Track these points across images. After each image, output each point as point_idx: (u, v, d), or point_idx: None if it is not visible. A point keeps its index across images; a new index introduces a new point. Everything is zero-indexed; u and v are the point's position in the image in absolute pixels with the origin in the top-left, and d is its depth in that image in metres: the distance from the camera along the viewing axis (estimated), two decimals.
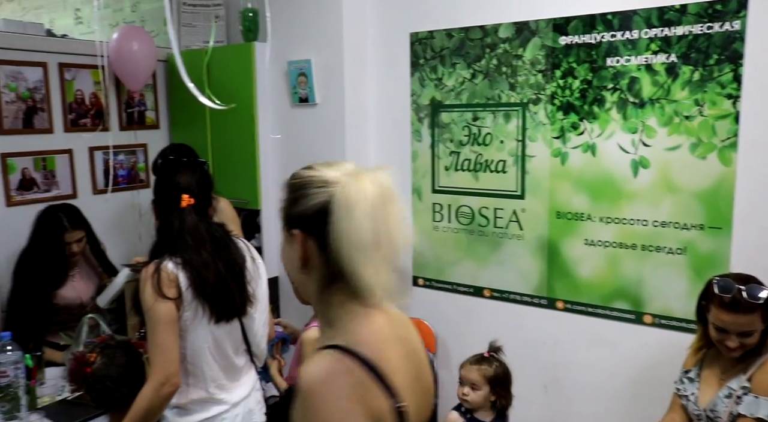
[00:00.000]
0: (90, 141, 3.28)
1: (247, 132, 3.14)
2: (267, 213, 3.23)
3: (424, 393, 1.09)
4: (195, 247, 1.70)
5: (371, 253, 0.95)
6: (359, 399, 0.93)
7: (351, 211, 0.95)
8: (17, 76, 3.00)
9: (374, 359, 0.97)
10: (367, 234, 0.95)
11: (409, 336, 1.10)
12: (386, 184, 0.99)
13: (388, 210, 0.97)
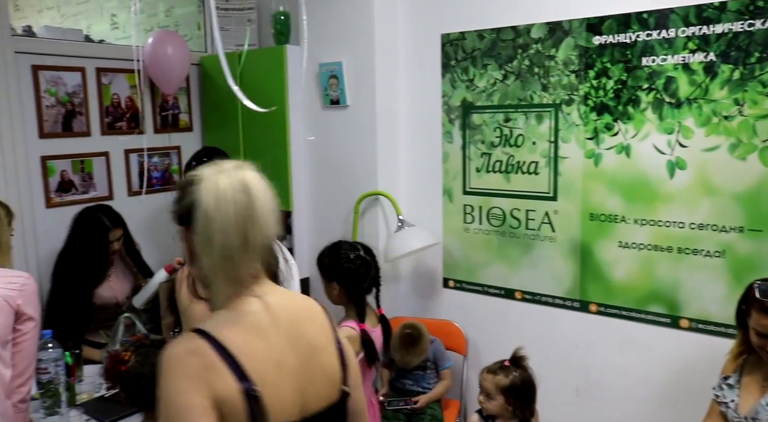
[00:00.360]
0: (126, 143, 3.35)
1: (279, 134, 3.17)
2: (298, 214, 3.25)
3: (317, 379, 1.13)
4: None
5: (233, 245, 1.03)
6: (202, 379, 0.99)
7: (209, 206, 1.04)
8: (57, 81, 3.07)
9: (230, 344, 1.03)
10: (226, 227, 1.03)
11: (299, 323, 1.14)
12: (246, 179, 1.08)
13: (248, 203, 1.05)
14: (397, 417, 2.72)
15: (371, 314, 2.22)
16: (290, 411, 1.08)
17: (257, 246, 1.07)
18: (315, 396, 1.12)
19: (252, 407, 1.02)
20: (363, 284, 2.18)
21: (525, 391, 2.10)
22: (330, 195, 3.18)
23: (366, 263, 2.20)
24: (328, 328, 1.20)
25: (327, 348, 1.17)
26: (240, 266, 1.07)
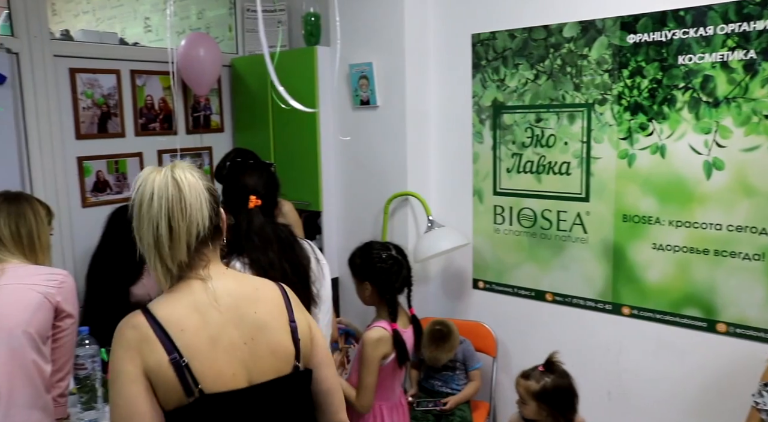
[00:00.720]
0: (159, 144, 3.40)
1: (309, 135, 3.18)
2: (328, 214, 3.27)
3: (262, 354, 1.22)
4: (262, 247, 1.73)
5: (162, 234, 1.15)
6: (137, 350, 1.14)
7: (143, 202, 1.17)
8: (93, 83, 3.14)
9: (165, 320, 1.16)
10: (156, 220, 1.15)
11: (244, 305, 1.23)
12: (177, 176, 1.18)
13: (177, 197, 1.16)
14: (426, 418, 2.71)
15: (402, 314, 2.22)
16: (230, 381, 1.18)
17: (184, 235, 1.17)
18: (260, 369, 1.21)
19: (182, 375, 1.13)
20: (395, 284, 2.17)
21: (557, 397, 2.04)
22: (360, 195, 3.19)
23: (398, 263, 2.20)
24: (280, 309, 1.28)
25: (275, 327, 1.25)
26: (170, 254, 1.17)
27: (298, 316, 1.30)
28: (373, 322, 2.19)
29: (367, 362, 2.10)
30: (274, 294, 1.30)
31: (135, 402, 1.12)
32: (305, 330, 1.30)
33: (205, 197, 1.20)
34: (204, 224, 1.19)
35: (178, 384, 1.13)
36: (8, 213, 1.93)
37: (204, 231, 1.20)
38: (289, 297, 1.32)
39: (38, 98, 2.91)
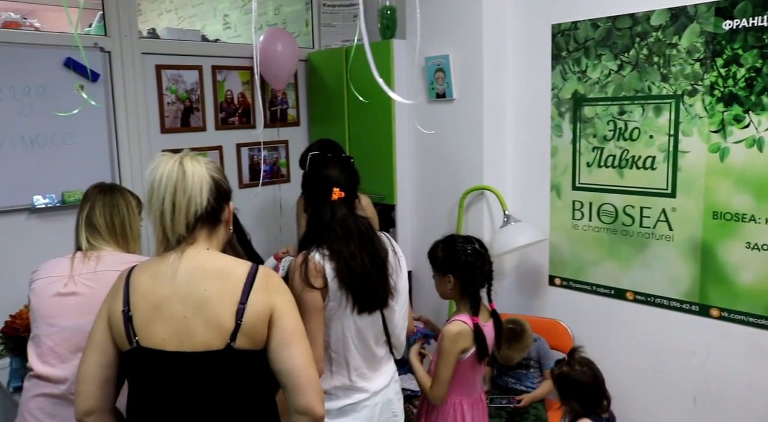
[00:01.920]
0: (237, 138, 3.50)
1: (385, 128, 3.19)
2: (402, 208, 3.27)
3: (197, 327, 1.34)
4: (343, 239, 1.74)
5: (165, 208, 1.35)
6: (110, 297, 1.42)
7: (150, 180, 1.37)
8: (177, 79, 3.26)
9: (133, 279, 1.40)
10: (162, 195, 1.35)
11: (198, 281, 1.36)
12: (185, 162, 1.38)
13: (181, 178, 1.35)
14: (499, 415, 2.67)
15: (483, 309, 2.19)
16: (159, 343, 1.35)
17: (183, 210, 1.36)
18: (191, 341, 1.34)
19: (127, 325, 1.36)
20: (478, 278, 2.15)
21: (563, 385, 2.20)
22: (434, 189, 3.18)
23: (482, 257, 2.16)
24: (234, 289, 1.37)
25: (218, 306, 1.35)
26: (171, 226, 1.37)
27: (253, 299, 1.36)
28: (454, 316, 2.17)
29: (445, 355, 2.09)
30: (238, 274, 1.39)
31: (97, 331, 1.41)
32: (259, 313, 1.37)
33: (207, 182, 1.39)
34: (201, 204, 1.37)
35: (123, 332, 1.37)
36: (103, 204, 2.00)
37: (201, 210, 1.38)
38: (255, 280, 1.39)
39: (127, 94, 3.05)
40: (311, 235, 1.79)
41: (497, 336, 2.22)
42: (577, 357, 2.24)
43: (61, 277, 1.87)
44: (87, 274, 1.87)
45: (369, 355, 1.84)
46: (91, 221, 1.97)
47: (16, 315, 2.38)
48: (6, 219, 2.75)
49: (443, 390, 2.11)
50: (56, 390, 1.80)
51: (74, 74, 2.86)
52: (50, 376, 1.80)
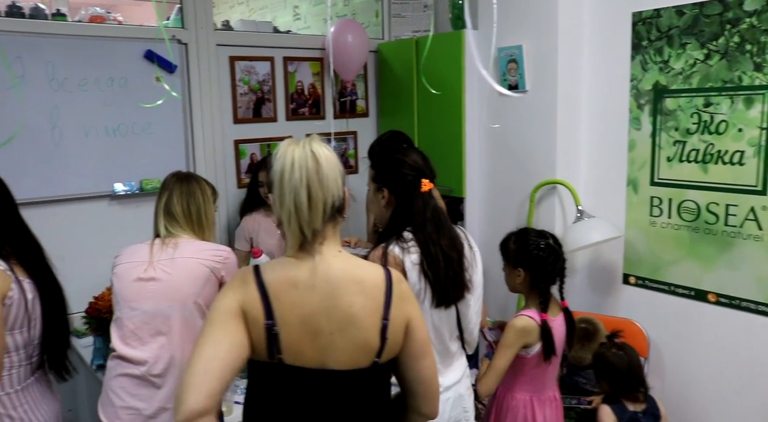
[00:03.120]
0: (307, 128, 3.53)
1: (455, 120, 3.15)
2: (471, 201, 3.22)
3: (344, 346, 1.26)
4: (435, 232, 1.73)
5: (301, 201, 1.22)
6: (237, 296, 1.25)
7: (280, 171, 1.24)
8: (250, 70, 3.31)
9: (269, 284, 1.25)
10: (296, 187, 1.22)
11: (340, 295, 1.26)
12: (315, 149, 1.24)
13: (315, 168, 1.22)
14: (568, 415, 2.61)
15: (554, 306, 2.14)
16: (307, 361, 1.25)
17: (320, 203, 1.24)
18: (337, 359, 1.26)
19: (271, 341, 1.23)
20: (550, 273, 2.10)
21: (597, 365, 2.32)
22: (505, 182, 3.11)
23: (554, 252, 2.11)
24: (377, 304, 1.28)
25: (365, 324, 1.27)
26: (306, 220, 1.24)
27: (394, 313, 1.30)
28: (522, 311, 2.13)
29: (505, 347, 2.06)
30: (377, 284, 1.30)
31: (222, 329, 1.23)
32: (398, 326, 1.31)
33: (339, 170, 1.28)
34: (338, 195, 1.27)
35: (265, 345, 1.24)
36: (180, 192, 2.06)
37: (338, 201, 1.27)
38: (392, 290, 1.31)
39: (202, 85, 3.13)
40: (396, 227, 1.77)
41: (569, 335, 2.16)
42: (617, 340, 2.29)
43: (142, 263, 1.94)
44: (165, 260, 1.94)
45: (443, 350, 1.82)
46: (169, 209, 2.04)
47: (99, 297, 2.49)
48: (89, 205, 2.88)
49: (493, 381, 2.07)
50: (137, 370, 1.87)
51: (153, 66, 2.95)
52: (132, 357, 1.87)
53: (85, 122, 2.82)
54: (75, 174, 2.82)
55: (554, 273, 2.11)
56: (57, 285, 1.85)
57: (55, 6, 3.09)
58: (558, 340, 2.12)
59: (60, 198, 2.80)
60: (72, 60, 2.76)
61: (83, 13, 2.91)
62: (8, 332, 1.67)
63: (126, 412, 1.85)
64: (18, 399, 1.72)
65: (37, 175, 2.72)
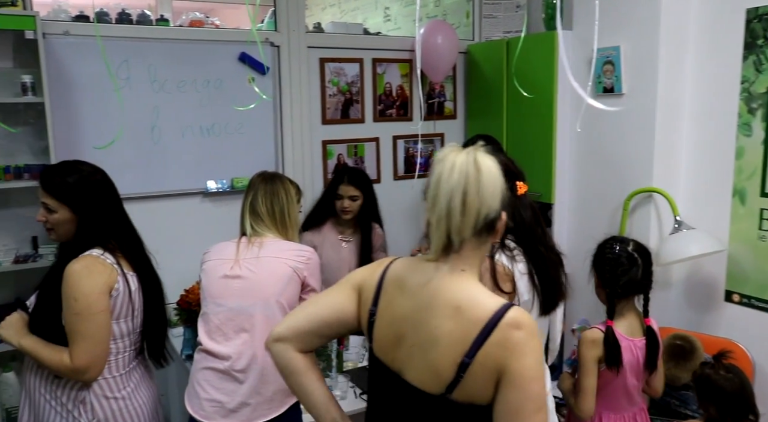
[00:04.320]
0: (394, 130, 3.53)
1: (545, 124, 3.05)
2: (560, 207, 3.11)
3: (420, 365, 1.21)
4: (534, 238, 1.67)
5: (454, 206, 1.15)
6: (364, 280, 1.34)
7: (438, 173, 1.18)
8: (339, 72, 3.35)
9: (388, 276, 1.30)
10: (452, 191, 1.15)
11: (430, 314, 1.20)
12: (479, 157, 1.17)
13: (475, 176, 1.15)
14: None
15: (631, 318, 2.01)
16: (389, 360, 1.27)
17: (474, 212, 1.16)
18: (410, 372, 1.23)
19: (369, 325, 1.30)
20: (619, 280, 1.98)
21: (703, 388, 2.01)
22: (597, 189, 2.98)
23: (631, 260, 1.98)
24: (466, 338, 1.15)
25: (444, 351, 1.17)
26: (459, 227, 1.17)
27: (482, 355, 1.13)
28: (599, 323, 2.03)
29: (582, 363, 1.98)
30: (478, 317, 1.16)
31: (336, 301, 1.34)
32: (486, 372, 1.14)
33: (501, 183, 1.18)
34: (494, 208, 1.18)
35: (366, 328, 1.31)
36: (265, 192, 2.09)
37: (493, 214, 1.18)
38: (493, 331, 1.13)
39: (293, 87, 3.19)
40: None
41: (651, 355, 2.02)
42: (725, 362, 2.04)
43: (228, 260, 2.00)
44: (251, 259, 1.98)
45: None
46: (254, 208, 2.08)
47: (190, 290, 2.59)
48: (183, 201, 3.01)
49: (589, 403, 1.98)
50: (221, 365, 1.93)
51: (247, 68, 3.04)
52: (216, 352, 1.94)
53: (182, 122, 2.95)
54: (171, 171, 2.96)
55: (627, 283, 1.99)
56: (156, 278, 1.94)
57: (160, 12, 3.26)
58: (638, 358, 1.99)
59: (157, 194, 2.94)
60: (172, 62, 2.89)
61: (184, 18, 3.05)
62: (114, 321, 1.78)
63: (210, 404, 1.91)
64: (123, 381, 1.84)
65: (138, 172, 2.88)
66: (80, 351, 1.71)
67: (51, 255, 2.67)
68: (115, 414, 1.81)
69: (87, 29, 2.68)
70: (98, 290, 1.72)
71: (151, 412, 1.93)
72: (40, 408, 1.81)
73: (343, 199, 2.83)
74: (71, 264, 1.73)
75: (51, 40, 2.64)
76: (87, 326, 1.71)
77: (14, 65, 2.68)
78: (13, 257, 2.66)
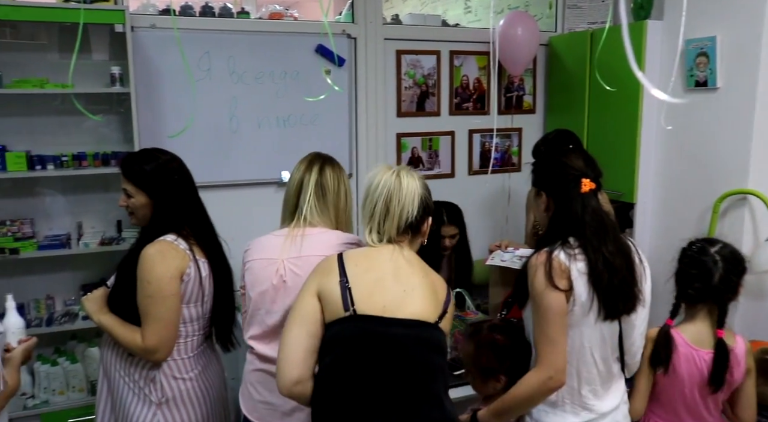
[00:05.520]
0: (470, 124, 3.46)
1: (630, 119, 2.90)
2: (642, 207, 2.95)
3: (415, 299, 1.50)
4: (596, 236, 1.58)
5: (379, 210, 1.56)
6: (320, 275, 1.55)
7: (368, 186, 1.60)
8: (415, 64, 3.31)
9: (348, 257, 1.55)
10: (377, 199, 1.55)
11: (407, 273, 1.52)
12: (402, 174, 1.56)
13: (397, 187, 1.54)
14: None
15: (703, 328, 1.84)
16: (380, 310, 1.47)
17: (396, 216, 1.53)
18: (409, 308, 1.48)
19: (344, 295, 1.47)
20: (691, 283, 1.82)
21: None
22: (684, 189, 2.81)
23: (710, 262, 1.81)
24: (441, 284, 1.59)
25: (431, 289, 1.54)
26: (383, 228, 1.54)
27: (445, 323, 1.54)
28: None
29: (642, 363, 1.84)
30: (437, 289, 1.55)
31: (304, 304, 1.52)
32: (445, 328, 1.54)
33: (419, 194, 1.54)
34: (413, 213, 1.53)
35: (340, 301, 1.47)
36: (312, 174, 1.89)
37: (412, 218, 1.54)
38: (449, 307, 1.56)
39: (368, 78, 3.19)
40: (556, 231, 1.64)
41: (717, 370, 1.83)
42: None
43: (271, 261, 1.83)
44: (293, 259, 1.81)
45: (605, 370, 1.66)
46: (302, 193, 1.88)
47: None
48: (258, 191, 3.07)
49: (636, 403, 1.85)
50: (272, 368, 1.76)
51: (323, 60, 3.05)
52: (266, 355, 1.83)
53: (258, 113, 3.00)
54: (247, 161, 3.02)
55: (701, 287, 1.82)
56: (226, 265, 1.97)
57: (242, 4, 3.33)
58: (696, 369, 1.82)
59: (232, 183, 3.01)
60: (251, 54, 2.94)
61: (264, 11, 3.10)
62: (184, 305, 1.83)
63: (263, 406, 1.85)
64: (191, 363, 1.89)
65: (215, 161, 2.95)
66: (151, 332, 1.77)
67: (133, 238, 2.76)
68: (182, 394, 1.87)
69: (171, 22, 2.77)
70: (170, 274, 1.77)
71: (218, 395, 1.97)
72: (115, 383, 1.89)
73: (444, 239, 2.78)
74: (146, 248, 1.79)
75: (138, 33, 2.75)
76: (158, 308, 1.77)
77: (109, 58, 2.81)
78: (99, 239, 2.80)
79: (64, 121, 2.78)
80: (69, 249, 2.74)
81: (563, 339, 1.57)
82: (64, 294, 2.91)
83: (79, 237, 2.82)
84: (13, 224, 2.70)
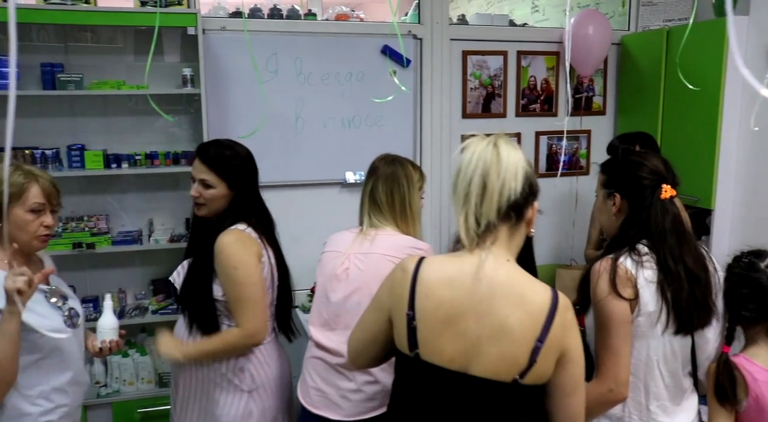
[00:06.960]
0: (537, 125, 3.38)
1: (708, 121, 2.75)
2: (720, 214, 2.80)
3: (490, 354, 1.20)
4: (672, 246, 1.51)
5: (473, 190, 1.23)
6: (390, 291, 1.32)
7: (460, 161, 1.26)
8: (481, 64, 3.26)
9: (421, 279, 1.25)
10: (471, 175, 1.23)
11: (499, 302, 1.20)
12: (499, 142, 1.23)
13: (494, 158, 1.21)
14: None
15: (760, 345, 1.68)
16: (445, 361, 1.23)
17: (496, 195, 1.20)
18: (480, 366, 1.21)
19: (410, 332, 1.25)
20: (744, 304, 1.63)
21: None
22: (766, 195, 2.64)
23: (751, 282, 1.63)
24: (535, 323, 1.20)
25: (518, 338, 1.20)
26: (476, 210, 1.21)
27: (551, 339, 1.20)
28: None
29: (708, 398, 1.70)
30: (540, 304, 1.21)
31: (371, 320, 1.36)
32: (552, 354, 1.21)
33: (522, 167, 1.22)
34: (516, 190, 1.20)
35: (405, 338, 1.26)
36: (385, 178, 1.93)
37: (515, 196, 1.21)
38: (555, 314, 1.20)
39: (434, 79, 3.16)
40: (626, 236, 1.57)
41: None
42: None
43: (340, 254, 1.91)
44: (360, 254, 1.87)
45: (674, 385, 1.57)
46: (374, 197, 1.93)
47: None
48: (322, 191, 3.09)
49: None
50: (331, 359, 1.88)
51: (389, 60, 3.05)
52: (323, 345, 1.89)
53: (324, 114, 3.02)
54: (312, 161, 3.04)
55: (755, 307, 1.61)
56: (282, 257, 2.02)
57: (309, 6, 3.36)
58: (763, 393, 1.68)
59: (297, 182, 3.05)
60: (317, 55, 2.97)
61: (330, 12, 3.12)
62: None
63: (316, 393, 1.89)
64: (269, 350, 1.96)
65: (280, 160, 2.99)
66: (249, 317, 1.82)
67: None
68: (269, 380, 1.93)
69: (240, 25, 2.82)
70: (253, 259, 1.83)
71: (286, 382, 2.03)
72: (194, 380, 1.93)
73: None
74: (222, 237, 1.82)
75: (209, 35, 2.82)
76: (251, 290, 1.82)
77: (180, 60, 2.89)
78: (168, 236, 2.88)
79: (138, 121, 2.89)
80: (140, 245, 2.84)
81: (626, 351, 1.49)
82: (135, 288, 3.02)
83: (150, 234, 2.92)
84: (90, 220, 2.81)
